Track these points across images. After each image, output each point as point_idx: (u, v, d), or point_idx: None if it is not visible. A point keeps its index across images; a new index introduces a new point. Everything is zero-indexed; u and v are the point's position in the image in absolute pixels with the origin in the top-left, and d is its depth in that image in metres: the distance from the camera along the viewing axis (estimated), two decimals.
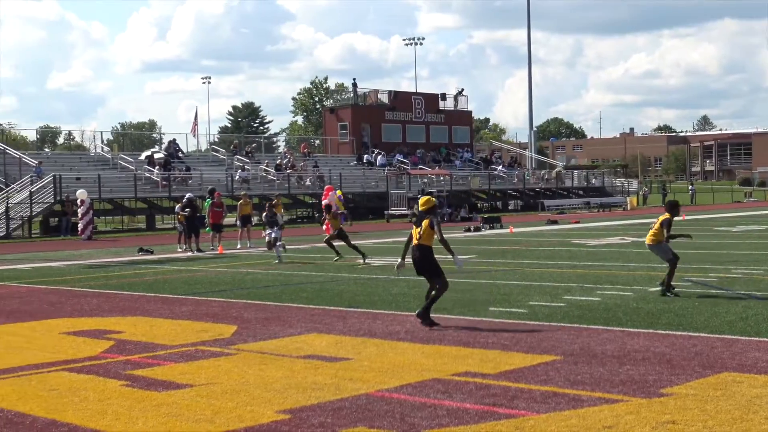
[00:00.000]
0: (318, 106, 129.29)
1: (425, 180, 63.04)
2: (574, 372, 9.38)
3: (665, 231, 15.18)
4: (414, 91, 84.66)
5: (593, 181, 78.06)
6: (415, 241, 12.85)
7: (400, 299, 15.73)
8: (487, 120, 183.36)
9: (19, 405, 8.51)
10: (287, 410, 8.08)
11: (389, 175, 61.23)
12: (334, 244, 24.54)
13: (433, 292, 12.86)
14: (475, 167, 72.53)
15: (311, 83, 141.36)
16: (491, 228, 41.03)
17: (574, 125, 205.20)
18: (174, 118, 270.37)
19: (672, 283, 15.18)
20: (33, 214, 43.97)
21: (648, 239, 15.58)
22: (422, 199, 13.32)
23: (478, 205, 65.24)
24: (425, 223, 12.81)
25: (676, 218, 15.52)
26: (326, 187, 44.38)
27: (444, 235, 12.86)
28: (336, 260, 23.83)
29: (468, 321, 13.13)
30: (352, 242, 24.17)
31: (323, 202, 41.55)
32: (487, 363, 9.96)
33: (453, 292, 16.51)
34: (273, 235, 25.41)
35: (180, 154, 57.03)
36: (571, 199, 70.26)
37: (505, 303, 14.84)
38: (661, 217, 15.34)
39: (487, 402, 8.21)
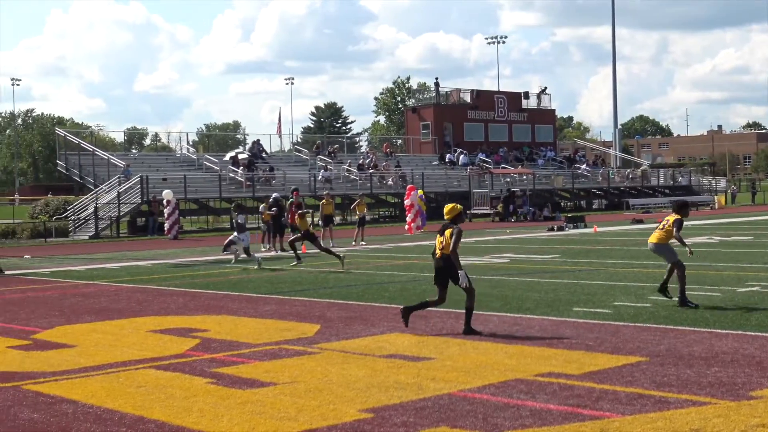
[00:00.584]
0: (400, 106, 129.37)
1: (508, 179, 62.67)
2: (661, 373, 9.22)
3: (676, 231, 14.28)
4: (496, 89, 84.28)
5: (680, 179, 76.67)
6: (438, 252, 12.15)
7: (482, 299, 15.61)
8: (570, 118, 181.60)
9: (108, 401, 8.68)
10: (369, 409, 8.10)
11: (471, 175, 61.01)
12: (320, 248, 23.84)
13: (428, 299, 12.57)
14: (559, 166, 71.83)
15: (393, 83, 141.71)
16: (575, 227, 40.59)
17: (660, 123, 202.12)
18: (258, 118, 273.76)
19: (670, 285, 14.42)
20: (121, 214, 44.79)
21: (654, 238, 14.62)
22: (447, 207, 12.46)
23: (562, 204, 64.61)
24: (448, 232, 12.07)
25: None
26: (408, 186, 44.38)
27: (457, 251, 12.03)
28: (294, 265, 23.27)
29: (551, 321, 13.00)
30: (324, 246, 23.96)
31: (405, 202, 41.68)
32: (571, 363, 9.86)
33: (536, 292, 16.42)
34: (233, 239, 24.56)
35: (264, 155, 57.56)
36: (656, 198, 69.14)
37: (589, 303, 14.67)
38: (671, 217, 14.47)
39: (571, 403, 8.12)
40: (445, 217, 12.30)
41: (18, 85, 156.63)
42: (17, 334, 13.23)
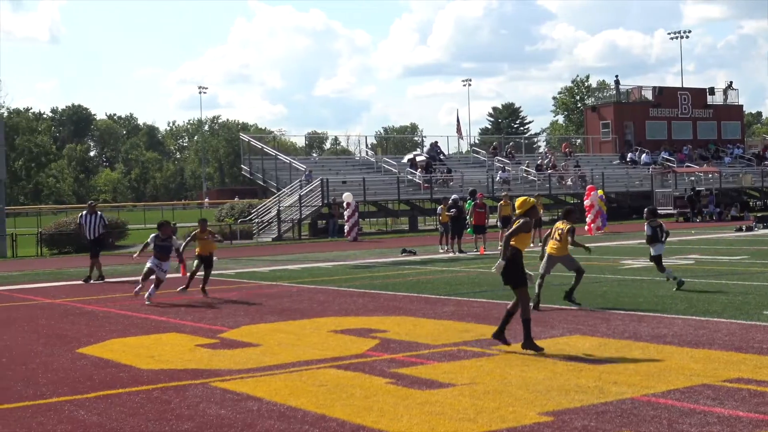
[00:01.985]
0: (579, 105, 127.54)
1: (692, 178, 60.74)
2: None
3: (571, 239, 15.04)
4: (680, 86, 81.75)
5: None
6: (551, 247, 11.70)
7: (666, 301, 15.22)
8: (759, 114, 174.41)
9: (291, 399, 8.86)
10: (550, 412, 7.98)
11: (654, 174, 59.46)
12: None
13: (521, 316, 11.06)
14: (747, 164, 69.07)
15: (572, 82, 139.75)
16: (765, 227, 38.98)
17: None
18: (435, 121, 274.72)
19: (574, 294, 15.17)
20: (302, 216, 45.86)
21: (551, 250, 15.27)
22: (518, 200, 11.56)
23: (750, 203, 62.14)
24: (516, 224, 11.22)
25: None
26: (588, 186, 43.66)
27: (511, 241, 11.02)
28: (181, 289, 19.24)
29: (740, 325, 12.50)
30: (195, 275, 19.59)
31: (585, 202, 41.02)
32: (762, 369, 9.44)
33: (723, 294, 15.83)
34: (157, 271, 18.29)
35: (441, 156, 57.76)
36: None
37: None
38: (563, 225, 15.13)
39: (762, 410, 7.77)
40: (517, 211, 11.41)
41: (205, 93, 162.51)
42: (205, 332, 13.70)
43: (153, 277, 18.33)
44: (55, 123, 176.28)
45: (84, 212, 25.02)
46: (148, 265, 18.38)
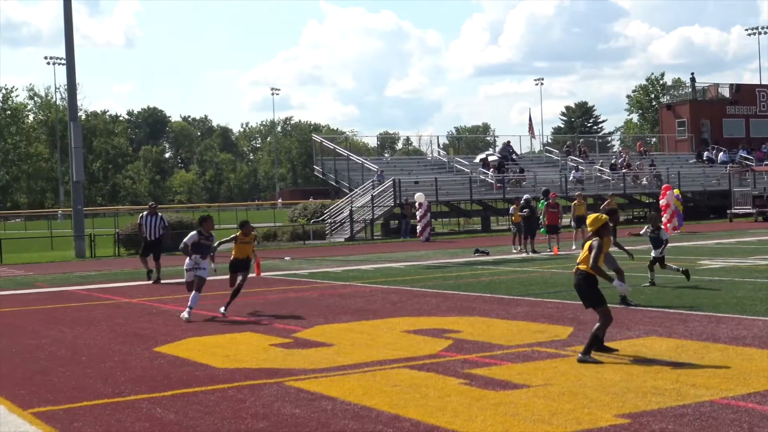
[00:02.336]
0: (654, 103, 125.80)
1: None
2: None
3: (612, 240, 13.55)
4: (758, 83, 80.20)
5: None
6: (576, 266, 10.95)
7: (745, 302, 14.93)
8: None
9: (365, 399, 8.88)
10: (626, 414, 7.88)
11: (731, 173, 58.35)
12: None
13: (595, 326, 10.62)
14: None
15: (647, 80, 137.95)
16: None
17: None
18: (507, 120, 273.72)
19: None
20: (375, 217, 45.96)
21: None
22: (590, 218, 11.02)
23: None
24: (587, 245, 10.83)
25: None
26: (664, 186, 43.03)
27: (598, 264, 10.63)
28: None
29: None
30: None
31: (661, 202, 40.44)
32: None
33: None
34: (197, 271, 16.43)
35: (514, 156, 57.43)
36: None
37: None
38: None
39: None
40: (588, 229, 10.99)
41: (277, 94, 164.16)
42: (279, 332, 13.80)
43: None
44: (131, 125, 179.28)
45: (144, 213, 25.00)
46: (186, 268, 16.55)
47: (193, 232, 16.32)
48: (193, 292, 15.88)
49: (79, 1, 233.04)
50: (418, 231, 42.94)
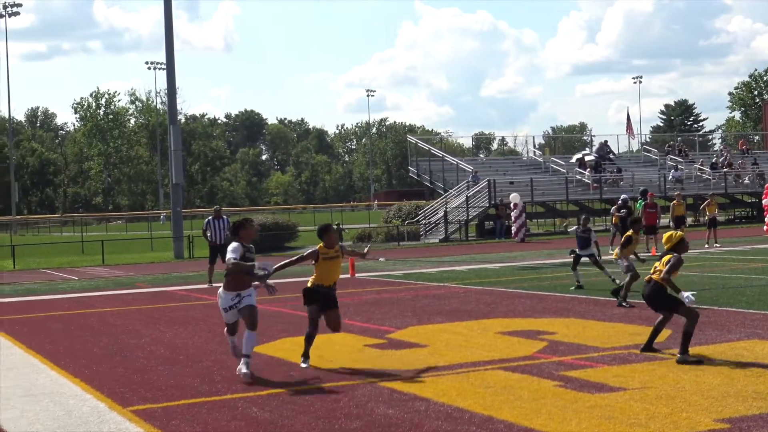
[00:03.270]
0: (757, 100, 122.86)
1: None
2: None
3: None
4: None
5: None
6: (648, 276, 10.84)
7: None
8: None
9: (458, 400, 8.85)
10: (726, 419, 7.70)
11: None
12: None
13: (685, 324, 10.49)
14: None
15: (749, 76, 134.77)
16: None
17: None
18: (604, 119, 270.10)
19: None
20: (469, 217, 45.82)
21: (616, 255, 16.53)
22: (665, 236, 10.98)
23: None
24: (666, 258, 10.74)
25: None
26: (767, 185, 41.97)
27: (670, 276, 10.57)
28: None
29: None
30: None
31: (763, 201, 39.45)
32: None
33: None
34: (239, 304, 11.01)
35: (611, 156, 56.64)
36: None
37: None
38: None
39: None
40: (665, 247, 10.92)
41: (372, 96, 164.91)
42: (373, 333, 13.84)
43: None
44: (228, 128, 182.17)
45: (210, 217, 24.72)
46: (224, 307, 11.03)
47: (235, 243, 10.86)
48: (246, 332, 10.64)
49: (179, 7, 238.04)
50: (513, 231, 42.68)
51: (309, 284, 11.37)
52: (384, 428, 7.95)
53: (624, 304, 15.49)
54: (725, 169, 55.23)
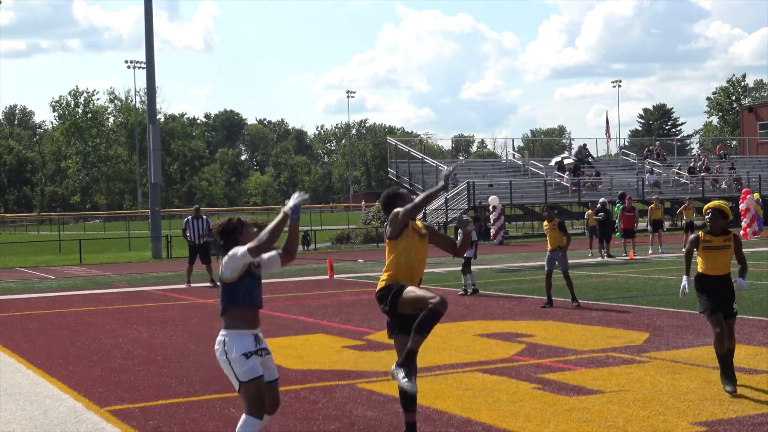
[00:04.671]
0: (735, 106, 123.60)
1: None
2: None
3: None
4: None
5: None
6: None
7: None
8: None
9: (437, 402, 8.86)
10: (703, 422, 7.74)
11: None
12: None
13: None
14: None
15: (728, 82, 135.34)
16: None
17: None
18: (583, 123, 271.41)
19: None
20: (448, 219, 45.86)
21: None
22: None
23: None
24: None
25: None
26: (744, 190, 42.24)
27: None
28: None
29: None
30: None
31: (740, 206, 39.68)
32: None
33: None
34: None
35: (590, 159, 56.83)
36: None
37: None
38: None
39: None
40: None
41: (352, 97, 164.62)
42: (352, 334, 13.84)
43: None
44: (208, 128, 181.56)
45: (190, 217, 24.52)
46: (245, 353, 6.79)
47: (242, 248, 6.80)
48: (244, 416, 7.15)
49: (160, 7, 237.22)
50: (491, 234, 42.76)
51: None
52: (363, 430, 7.95)
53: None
54: (703, 174, 55.51)
